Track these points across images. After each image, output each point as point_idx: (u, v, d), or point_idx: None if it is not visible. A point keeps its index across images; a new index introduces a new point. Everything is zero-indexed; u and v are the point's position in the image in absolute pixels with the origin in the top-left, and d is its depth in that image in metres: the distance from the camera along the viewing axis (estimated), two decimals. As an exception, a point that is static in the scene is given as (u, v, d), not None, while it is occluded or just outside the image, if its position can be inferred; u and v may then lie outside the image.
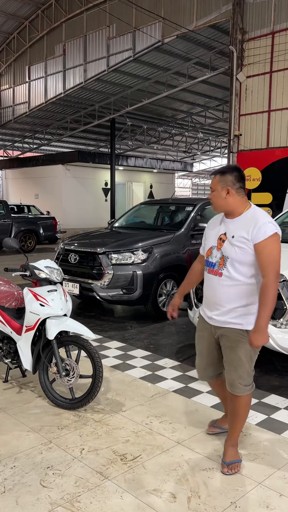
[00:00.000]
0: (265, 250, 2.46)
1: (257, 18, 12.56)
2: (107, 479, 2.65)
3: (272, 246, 2.47)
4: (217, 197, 2.62)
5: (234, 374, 2.66)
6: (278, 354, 4.31)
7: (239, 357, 2.63)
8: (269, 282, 2.45)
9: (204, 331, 2.81)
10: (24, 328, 3.57)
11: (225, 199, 2.59)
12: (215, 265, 2.63)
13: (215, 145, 31.00)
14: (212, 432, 3.13)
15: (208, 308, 2.73)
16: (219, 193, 2.60)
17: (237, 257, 2.53)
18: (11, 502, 2.45)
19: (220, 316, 2.64)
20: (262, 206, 12.84)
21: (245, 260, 2.53)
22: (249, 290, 2.57)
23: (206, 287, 2.73)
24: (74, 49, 18.40)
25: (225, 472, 2.70)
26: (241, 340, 2.60)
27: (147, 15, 14.36)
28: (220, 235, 2.64)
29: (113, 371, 4.30)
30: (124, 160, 26.11)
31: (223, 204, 2.61)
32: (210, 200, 2.70)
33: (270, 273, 2.45)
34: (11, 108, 22.22)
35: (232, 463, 2.72)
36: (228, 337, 2.63)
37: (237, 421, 2.76)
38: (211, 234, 2.72)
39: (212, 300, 2.68)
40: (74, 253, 6.21)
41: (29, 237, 14.51)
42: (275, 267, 2.46)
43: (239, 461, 2.77)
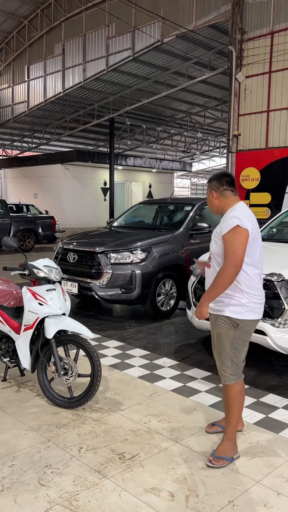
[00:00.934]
0: (226, 242, 2.72)
1: (256, 18, 12.57)
2: (105, 477, 2.66)
3: (232, 238, 2.69)
4: (208, 201, 2.97)
5: (218, 360, 2.88)
6: (276, 353, 4.33)
7: (223, 343, 2.83)
8: (222, 268, 2.70)
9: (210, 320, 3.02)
10: (22, 327, 3.57)
11: (213, 201, 2.92)
12: (208, 259, 2.98)
13: (214, 145, 31.02)
14: (212, 431, 3.15)
15: None
16: (208, 196, 2.95)
17: (213, 250, 2.87)
18: (10, 501, 2.46)
19: (211, 303, 2.85)
20: (261, 206, 12.86)
21: (220, 252, 2.79)
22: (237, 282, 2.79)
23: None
24: (73, 48, 18.39)
25: (207, 463, 2.76)
26: (223, 326, 2.81)
27: (146, 14, 14.36)
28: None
29: (111, 370, 4.31)
30: (123, 159, 26.09)
31: (213, 206, 2.94)
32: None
33: (227, 261, 2.68)
34: (10, 107, 22.20)
35: (218, 458, 2.78)
36: (214, 323, 2.87)
37: (230, 413, 2.88)
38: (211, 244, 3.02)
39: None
40: (73, 253, 6.21)
41: (28, 236, 14.51)
42: (232, 257, 2.67)
43: (228, 458, 2.78)
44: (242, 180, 13.20)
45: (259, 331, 3.96)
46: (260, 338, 3.97)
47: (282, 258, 4.59)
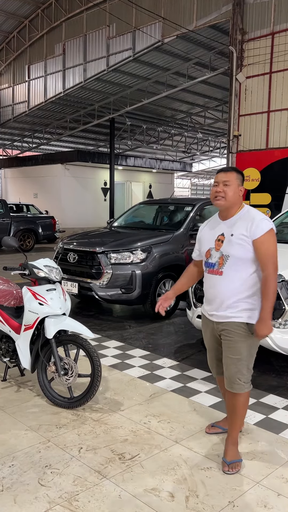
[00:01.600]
0: (263, 245, 2.59)
1: (257, 19, 12.57)
2: (105, 478, 2.65)
3: (269, 241, 2.60)
4: (234, 191, 2.69)
5: (233, 368, 2.71)
6: (276, 354, 4.32)
7: (239, 351, 2.69)
8: (269, 275, 2.59)
9: (207, 328, 2.90)
10: (23, 327, 3.57)
11: (238, 195, 2.72)
12: (215, 265, 2.73)
13: (214, 146, 31.02)
14: (212, 432, 3.14)
15: (210, 306, 2.81)
16: (236, 188, 2.70)
17: (237, 254, 2.63)
18: (9, 501, 2.45)
19: (221, 311, 2.71)
20: (261, 206, 12.86)
21: (245, 256, 2.63)
22: (248, 285, 2.67)
23: (207, 286, 2.82)
24: (74, 48, 18.39)
25: (226, 471, 2.71)
26: (241, 333, 2.68)
27: (147, 15, 14.36)
28: (218, 237, 2.74)
29: (111, 370, 4.30)
30: (123, 160, 26.10)
31: (235, 199, 2.70)
32: (219, 193, 2.69)
33: (269, 266, 2.59)
34: (11, 107, 22.20)
35: (233, 462, 2.74)
36: (229, 331, 2.70)
37: (236, 419, 2.80)
38: (207, 238, 2.83)
39: (213, 298, 2.76)
40: (73, 253, 6.21)
41: (28, 236, 14.51)
42: (273, 260, 2.60)
43: (239, 460, 2.78)
44: (243, 180, 13.17)
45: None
46: (260, 338, 3.96)
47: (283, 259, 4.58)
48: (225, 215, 2.76)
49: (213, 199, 2.75)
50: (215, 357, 2.95)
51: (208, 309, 2.83)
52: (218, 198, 2.70)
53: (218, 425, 3.15)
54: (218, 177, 2.75)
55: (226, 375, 2.77)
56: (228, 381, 2.76)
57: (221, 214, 2.79)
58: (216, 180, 2.76)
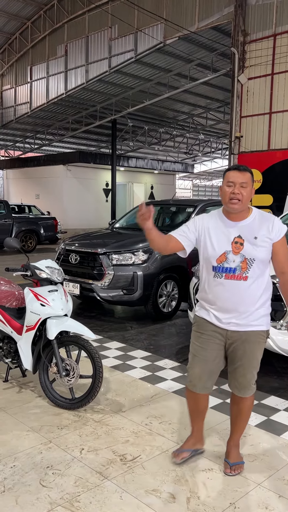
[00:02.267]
0: (283, 247, 2.55)
1: (259, 20, 12.58)
2: (106, 479, 2.66)
3: (286, 244, 2.57)
4: (250, 194, 2.53)
5: (250, 375, 2.63)
6: (278, 356, 4.32)
7: (257, 358, 2.64)
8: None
9: (213, 337, 2.63)
10: (24, 328, 3.58)
11: (251, 195, 2.56)
12: (236, 270, 2.52)
13: (216, 147, 31.05)
14: (181, 459, 2.77)
15: (227, 314, 2.58)
16: (251, 190, 2.54)
17: (262, 257, 2.52)
18: (11, 502, 2.46)
19: (242, 319, 2.55)
20: (263, 208, 12.84)
21: (267, 258, 2.56)
22: (266, 289, 2.61)
23: (222, 294, 2.56)
24: (76, 49, 18.43)
25: (228, 473, 2.70)
26: (260, 341, 2.62)
27: (149, 16, 14.39)
28: (235, 239, 2.53)
29: (113, 371, 4.31)
30: (125, 161, 26.14)
31: (248, 202, 2.54)
32: (237, 195, 2.48)
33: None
34: (13, 108, 22.26)
35: (235, 464, 2.73)
36: (249, 340, 2.58)
37: (242, 423, 2.76)
38: (218, 239, 2.56)
39: (233, 306, 2.55)
40: (75, 254, 6.22)
41: (29, 237, 14.53)
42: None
43: (242, 462, 2.77)
44: (244, 181, 13.18)
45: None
46: (262, 340, 3.96)
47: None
48: (237, 216, 2.56)
49: (227, 201, 2.51)
50: (209, 370, 2.66)
51: (223, 317, 2.59)
52: (235, 201, 2.48)
53: (186, 449, 2.82)
54: (233, 177, 2.50)
55: (240, 383, 2.65)
56: (243, 388, 2.65)
57: (231, 216, 2.57)
58: (231, 180, 2.51)
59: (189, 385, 2.72)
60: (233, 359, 2.64)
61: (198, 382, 2.67)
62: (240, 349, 2.59)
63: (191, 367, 2.70)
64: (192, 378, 2.69)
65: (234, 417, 2.79)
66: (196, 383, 2.67)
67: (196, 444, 2.86)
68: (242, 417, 2.75)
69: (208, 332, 2.64)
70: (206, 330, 2.65)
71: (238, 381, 2.65)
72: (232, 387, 2.71)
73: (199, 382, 2.66)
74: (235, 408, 2.76)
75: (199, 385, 2.67)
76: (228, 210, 2.56)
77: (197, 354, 2.67)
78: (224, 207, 2.60)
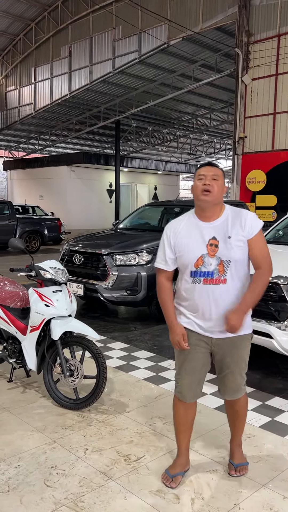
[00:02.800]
0: (258, 244, 2.44)
1: (263, 21, 12.58)
2: (110, 479, 2.66)
3: (262, 239, 2.48)
4: (221, 188, 2.45)
5: (240, 378, 2.59)
6: (282, 357, 4.31)
7: (245, 361, 2.60)
8: (265, 271, 2.46)
9: (198, 346, 2.54)
10: (29, 328, 3.59)
11: (222, 194, 2.47)
12: (213, 273, 2.41)
13: (220, 147, 31.03)
14: (176, 484, 2.61)
15: (207, 322, 2.49)
16: (223, 184, 2.47)
17: (238, 257, 2.41)
18: (15, 501, 2.46)
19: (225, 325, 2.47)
20: (267, 208, 12.85)
21: (244, 258, 2.45)
22: (242, 291, 2.48)
23: (202, 300, 2.46)
24: (80, 50, 18.47)
25: (233, 474, 2.69)
26: (247, 344, 2.59)
27: (153, 17, 14.40)
28: (209, 241, 2.42)
29: (117, 372, 4.31)
30: (129, 161, 26.15)
31: (220, 197, 2.45)
32: (208, 186, 2.40)
33: (265, 263, 2.46)
34: (17, 109, 22.32)
35: (240, 466, 2.72)
36: (236, 345, 2.52)
37: (241, 423, 2.74)
38: (192, 243, 2.46)
39: (215, 312, 2.45)
40: (79, 254, 6.23)
41: (33, 238, 14.56)
42: (269, 260, 2.48)
43: (246, 463, 2.76)
44: (248, 182, 13.19)
45: (265, 334, 3.95)
46: (266, 341, 3.96)
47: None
48: (209, 215, 2.46)
49: (199, 195, 2.42)
50: (197, 378, 2.60)
51: (207, 325, 2.49)
52: (206, 192, 2.40)
53: (178, 472, 2.66)
54: (203, 171, 2.45)
55: (230, 388, 2.60)
56: (233, 391, 2.61)
57: (203, 215, 2.47)
58: (200, 173, 2.45)
59: (179, 396, 2.63)
60: (221, 367, 2.58)
61: (188, 392, 2.60)
62: (228, 355, 2.53)
63: (180, 378, 2.61)
64: (181, 390, 2.61)
65: (232, 419, 2.75)
66: (186, 393, 2.60)
67: (187, 464, 2.73)
68: (239, 418, 2.72)
69: (192, 341, 2.53)
70: (190, 341, 2.53)
71: (229, 386, 2.60)
72: (223, 393, 2.66)
73: (189, 392, 2.60)
74: (231, 411, 2.73)
75: (189, 395, 2.61)
76: (200, 205, 2.46)
77: (184, 366, 2.59)
78: (197, 205, 2.51)
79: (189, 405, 2.66)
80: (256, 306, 4.13)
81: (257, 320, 4.03)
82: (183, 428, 2.69)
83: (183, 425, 2.69)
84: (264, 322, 3.98)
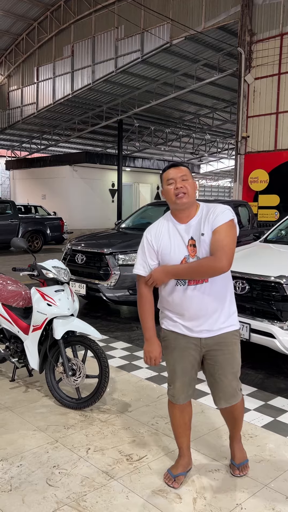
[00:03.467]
0: (222, 233, 2.32)
1: (265, 20, 12.55)
2: (113, 478, 2.66)
3: (229, 230, 2.33)
4: (193, 187, 2.41)
5: (234, 381, 2.53)
6: (284, 357, 4.30)
7: (238, 361, 2.55)
8: (215, 258, 2.29)
9: (188, 348, 2.51)
10: (31, 328, 3.59)
11: (195, 190, 2.43)
12: None
13: (222, 147, 30.99)
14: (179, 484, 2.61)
15: (194, 321, 2.46)
16: (193, 183, 2.43)
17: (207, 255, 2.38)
18: (18, 501, 2.47)
19: (213, 323, 2.45)
20: (270, 208, 12.84)
21: None
22: (225, 287, 2.47)
23: (187, 302, 2.43)
24: (82, 50, 18.49)
25: (236, 475, 2.68)
26: (236, 341, 2.54)
27: (155, 16, 14.40)
28: (189, 242, 2.40)
29: (119, 371, 4.31)
30: (131, 161, 26.17)
31: (194, 196, 2.42)
32: (181, 189, 2.37)
33: (220, 252, 2.29)
34: (19, 109, 22.36)
35: (242, 465, 2.72)
36: (226, 343, 2.49)
37: (239, 424, 2.71)
38: (175, 247, 2.42)
39: (200, 312, 2.43)
40: (81, 254, 6.23)
41: (36, 237, 14.58)
42: (228, 250, 2.30)
43: (247, 460, 2.76)
44: (251, 182, 13.18)
45: (267, 334, 3.94)
46: (269, 340, 3.95)
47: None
48: (186, 216, 2.43)
49: (173, 199, 2.39)
50: (189, 380, 2.56)
51: (194, 325, 2.46)
52: (181, 195, 2.36)
53: (180, 473, 2.66)
54: (170, 174, 2.40)
55: (226, 392, 2.53)
56: (230, 396, 2.54)
57: (180, 216, 2.44)
58: (169, 177, 2.40)
59: (172, 399, 2.60)
60: (213, 368, 2.52)
61: (181, 394, 2.57)
62: (219, 354, 2.49)
63: (172, 381, 2.59)
64: (174, 393, 2.58)
65: (231, 425, 2.71)
66: (179, 396, 2.57)
67: (189, 463, 2.72)
68: (236, 422, 2.69)
69: (182, 345, 2.51)
70: (178, 344, 2.52)
71: (224, 391, 2.53)
72: (218, 401, 2.58)
73: (182, 394, 2.57)
74: (229, 417, 2.68)
75: (182, 397, 2.58)
76: (177, 208, 2.42)
77: (175, 369, 2.56)
78: (172, 208, 2.48)
79: (184, 407, 2.63)
80: (259, 306, 4.14)
81: (260, 320, 4.03)
82: (181, 430, 2.68)
83: (181, 427, 2.66)
84: (267, 322, 3.98)
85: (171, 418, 2.69)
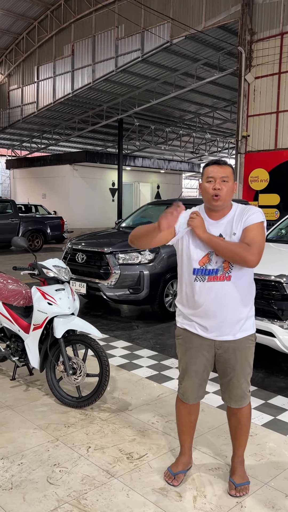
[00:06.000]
0: (256, 230, 2.33)
1: (266, 19, 12.55)
2: (113, 477, 2.67)
3: (262, 230, 2.35)
4: (232, 189, 2.39)
5: (245, 384, 2.52)
6: (284, 355, 4.31)
7: (250, 364, 2.53)
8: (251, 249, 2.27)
9: (201, 349, 2.49)
10: (32, 327, 3.60)
11: (233, 192, 2.42)
12: (218, 270, 2.37)
13: (222, 146, 30.97)
14: (179, 482, 2.61)
15: (209, 321, 2.43)
16: (233, 185, 2.41)
17: None
18: (19, 499, 2.48)
19: (228, 325, 2.41)
20: (270, 207, 12.83)
21: None
22: (249, 289, 2.47)
23: (206, 298, 2.40)
24: (82, 49, 18.48)
25: (232, 495, 2.51)
26: (251, 346, 2.50)
27: (155, 15, 14.39)
28: None
29: (119, 370, 4.32)
30: (132, 160, 26.15)
31: (230, 198, 2.41)
32: (218, 191, 2.34)
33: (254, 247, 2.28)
34: (20, 108, 22.36)
35: (241, 485, 2.55)
36: (240, 347, 2.46)
37: (243, 435, 2.61)
38: (198, 239, 2.41)
39: (216, 310, 2.40)
40: (82, 253, 6.24)
41: (36, 237, 14.58)
42: (260, 247, 2.30)
43: (248, 483, 2.59)
44: (251, 181, 13.18)
45: (267, 332, 3.95)
46: (269, 339, 3.96)
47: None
48: (217, 214, 2.43)
49: (210, 199, 2.37)
50: (200, 380, 2.56)
51: (209, 324, 2.43)
52: (217, 197, 2.34)
53: (180, 471, 2.65)
54: (212, 172, 2.36)
55: (235, 395, 2.53)
56: (239, 398, 2.53)
57: (212, 214, 2.44)
58: (210, 175, 2.36)
59: (182, 397, 2.60)
60: (225, 370, 2.51)
61: (191, 394, 2.58)
62: (232, 358, 2.46)
63: (183, 380, 2.59)
64: (184, 391, 2.58)
65: (233, 430, 2.63)
66: (189, 395, 2.58)
67: (190, 462, 2.72)
68: (242, 429, 2.60)
69: (196, 345, 2.49)
70: (193, 344, 2.50)
71: (234, 393, 2.52)
72: (227, 400, 2.57)
73: (192, 394, 2.58)
74: (233, 420, 2.62)
75: (192, 397, 2.58)
76: (211, 208, 2.43)
77: (187, 369, 2.55)
78: (206, 205, 2.48)
79: (192, 407, 2.63)
80: (259, 305, 4.15)
81: (260, 319, 4.03)
82: (186, 429, 2.68)
83: (186, 425, 2.67)
84: (267, 320, 3.99)
85: (177, 415, 2.70)
